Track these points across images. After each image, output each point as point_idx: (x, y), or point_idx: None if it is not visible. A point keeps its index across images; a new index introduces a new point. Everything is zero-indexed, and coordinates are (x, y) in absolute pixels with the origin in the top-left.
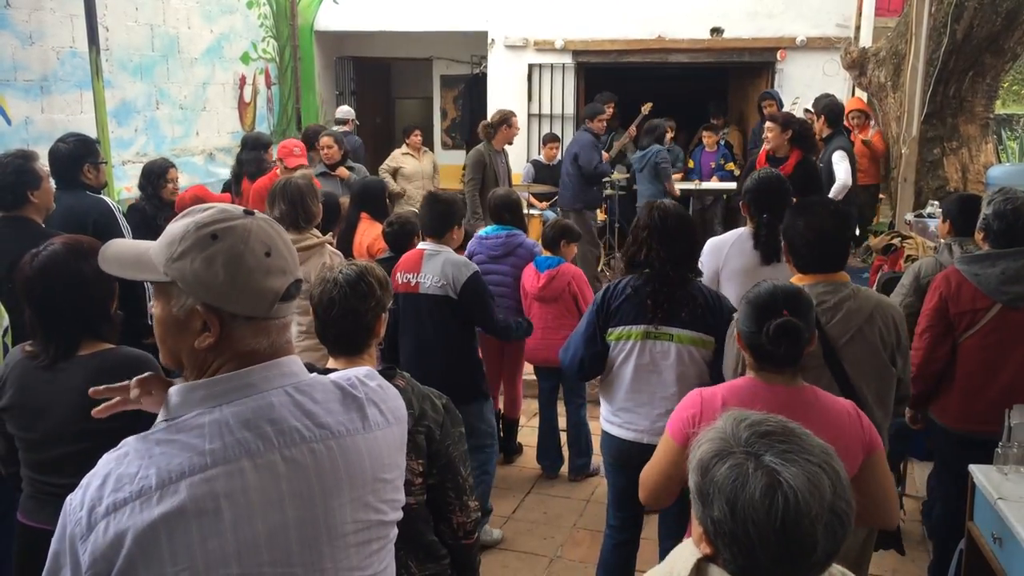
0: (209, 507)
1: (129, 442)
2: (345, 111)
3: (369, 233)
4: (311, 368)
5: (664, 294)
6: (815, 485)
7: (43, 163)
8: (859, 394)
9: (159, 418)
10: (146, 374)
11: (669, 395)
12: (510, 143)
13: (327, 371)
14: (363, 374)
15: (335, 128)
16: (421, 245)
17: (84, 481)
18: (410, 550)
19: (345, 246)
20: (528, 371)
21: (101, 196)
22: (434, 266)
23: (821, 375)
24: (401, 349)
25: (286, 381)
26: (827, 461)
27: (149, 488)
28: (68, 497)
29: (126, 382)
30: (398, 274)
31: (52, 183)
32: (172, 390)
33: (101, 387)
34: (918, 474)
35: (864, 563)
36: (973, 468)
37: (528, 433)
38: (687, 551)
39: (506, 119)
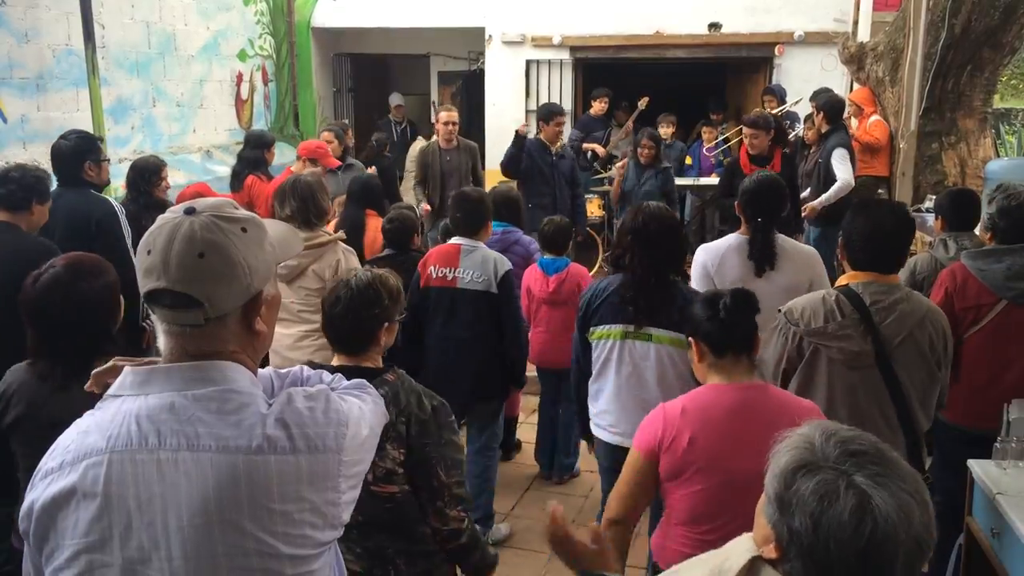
0: (93, 492)
1: (92, 410)
2: (395, 97)
3: (379, 230)
4: (316, 366)
5: (644, 295)
6: (905, 513)
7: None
8: (906, 397)
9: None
10: (107, 365)
11: (651, 398)
12: (450, 140)
13: (332, 368)
14: (302, 395)
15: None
16: (455, 240)
17: None
18: (400, 546)
19: (355, 246)
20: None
21: (105, 196)
22: (474, 261)
23: (871, 375)
24: (428, 342)
25: (196, 386)
26: (918, 490)
27: (66, 463)
28: None
29: (114, 363)
30: (430, 267)
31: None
32: (125, 369)
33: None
34: None
35: None
36: (972, 463)
37: (527, 430)
38: (743, 546)
39: (438, 116)
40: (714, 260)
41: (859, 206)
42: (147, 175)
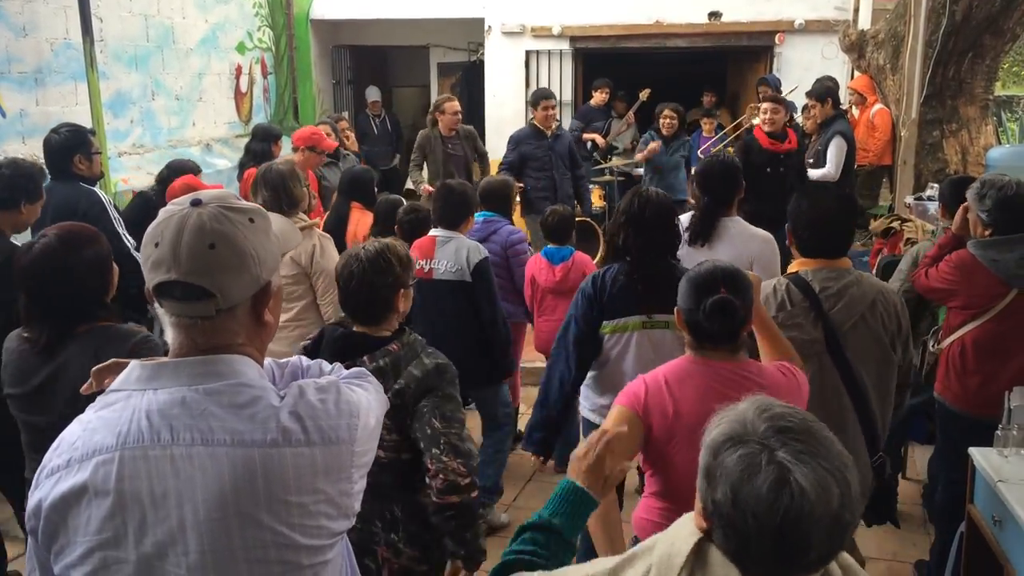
0: (105, 489)
1: (94, 404)
2: (372, 92)
3: (362, 223)
4: (341, 325)
5: (654, 282)
6: (824, 490)
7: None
8: (859, 382)
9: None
10: (108, 362)
11: None
12: (453, 129)
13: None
14: (314, 387)
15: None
16: (433, 232)
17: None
18: (395, 498)
19: (337, 237)
20: (527, 359)
21: (93, 188)
22: (448, 252)
23: (823, 362)
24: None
25: (206, 380)
26: (841, 470)
27: (74, 460)
28: None
29: (114, 361)
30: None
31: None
32: (132, 363)
33: (93, 372)
34: (918, 457)
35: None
36: (973, 451)
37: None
38: (687, 528)
39: (438, 106)
40: None
41: (803, 193)
42: (180, 175)
